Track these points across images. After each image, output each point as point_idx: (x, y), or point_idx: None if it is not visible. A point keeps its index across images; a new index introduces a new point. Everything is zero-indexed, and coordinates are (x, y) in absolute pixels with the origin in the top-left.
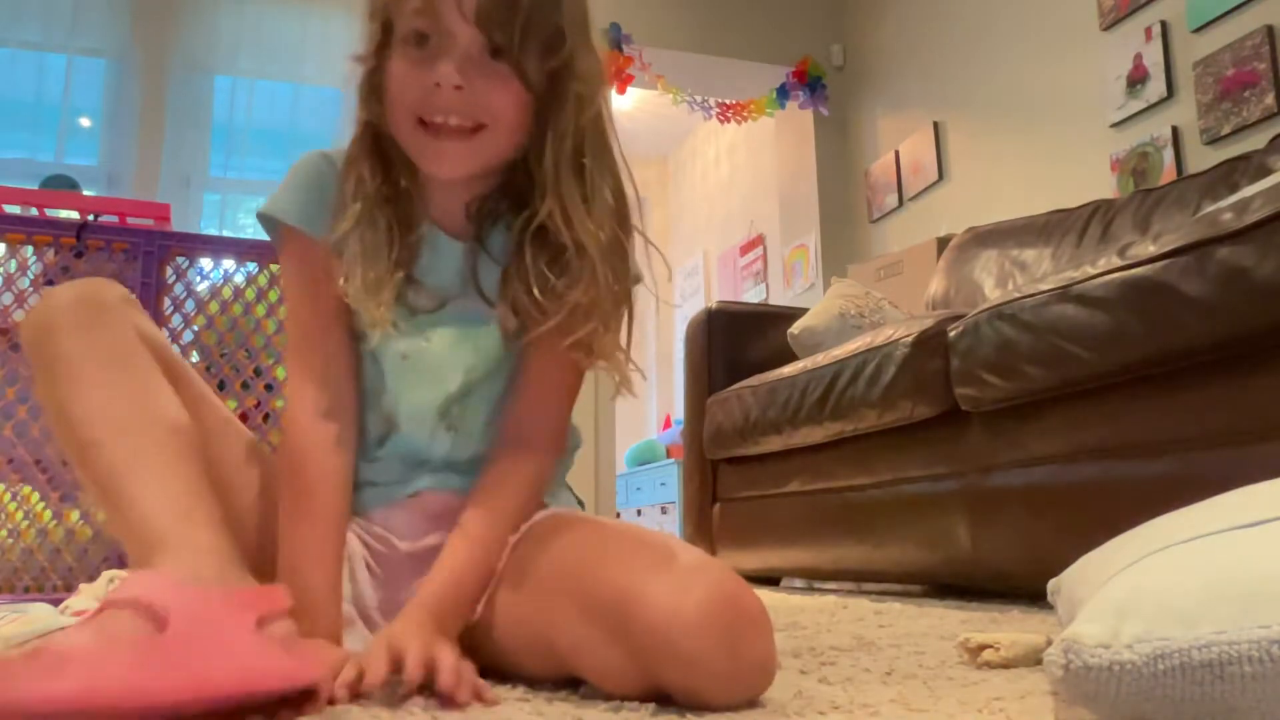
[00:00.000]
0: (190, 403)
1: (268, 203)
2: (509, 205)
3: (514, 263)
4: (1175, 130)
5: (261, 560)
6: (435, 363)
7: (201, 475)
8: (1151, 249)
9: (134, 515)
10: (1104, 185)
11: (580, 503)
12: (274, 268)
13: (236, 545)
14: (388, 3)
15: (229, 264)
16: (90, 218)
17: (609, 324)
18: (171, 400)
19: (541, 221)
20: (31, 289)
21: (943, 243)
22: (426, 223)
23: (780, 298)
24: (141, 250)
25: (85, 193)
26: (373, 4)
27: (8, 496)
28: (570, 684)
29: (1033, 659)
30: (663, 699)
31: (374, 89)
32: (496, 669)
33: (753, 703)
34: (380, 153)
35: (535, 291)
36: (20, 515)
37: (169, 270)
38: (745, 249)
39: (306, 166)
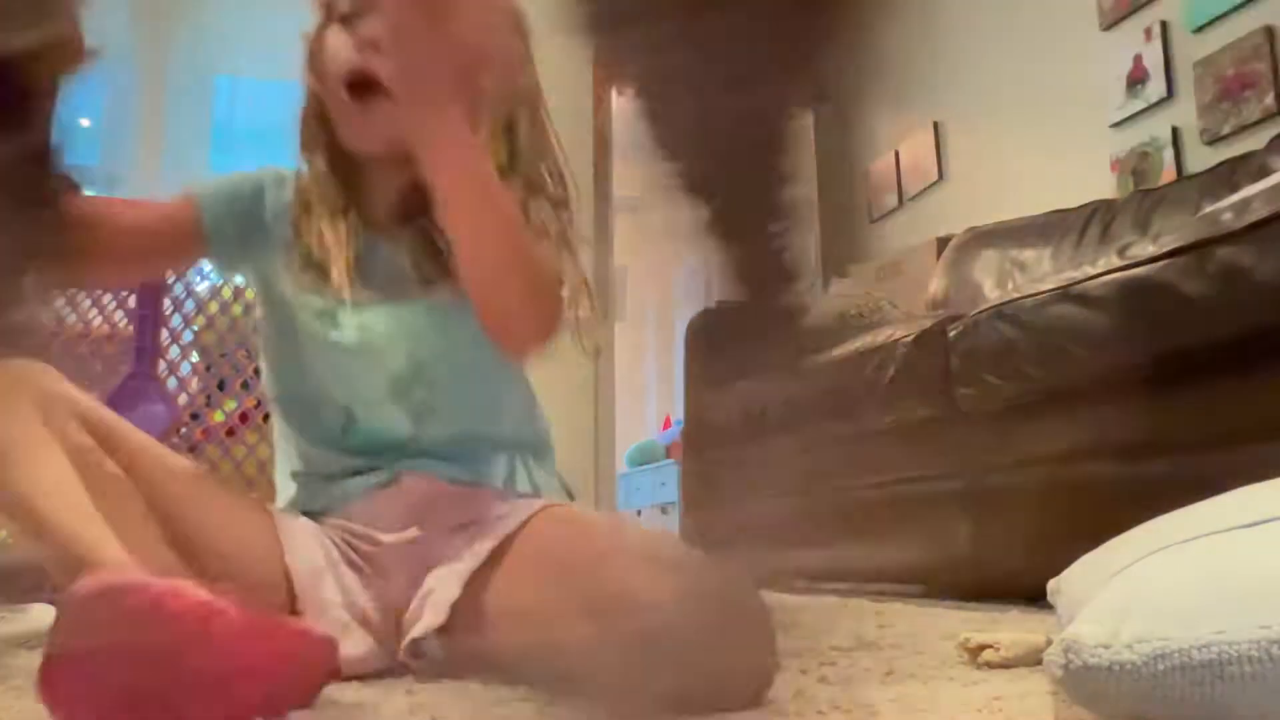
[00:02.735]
0: (131, 456)
1: (200, 184)
2: None
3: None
4: (1175, 130)
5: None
6: (373, 347)
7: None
8: (1151, 249)
9: (58, 536)
10: (1104, 185)
11: (570, 493)
12: None
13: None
14: None
15: None
16: None
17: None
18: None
19: None
20: None
21: (943, 243)
22: (360, 228)
23: None
24: None
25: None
26: None
27: None
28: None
29: (1033, 659)
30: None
31: (315, 62)
32: (496, 665)
33: (752, 702)
34: (325, 118)
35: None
36: None
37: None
38: None
39: (256, 175)
